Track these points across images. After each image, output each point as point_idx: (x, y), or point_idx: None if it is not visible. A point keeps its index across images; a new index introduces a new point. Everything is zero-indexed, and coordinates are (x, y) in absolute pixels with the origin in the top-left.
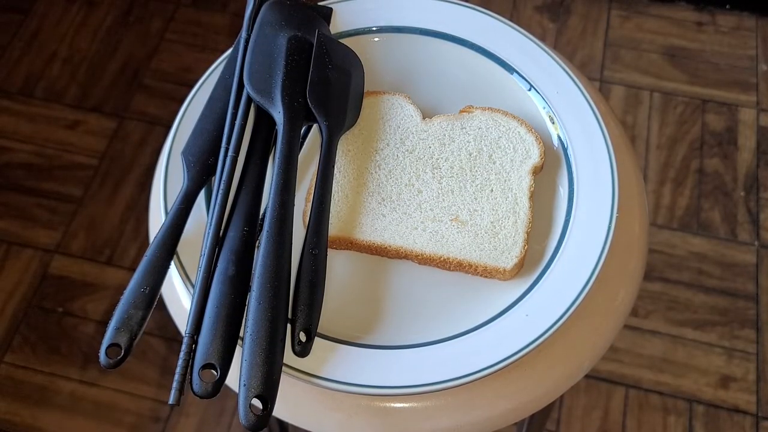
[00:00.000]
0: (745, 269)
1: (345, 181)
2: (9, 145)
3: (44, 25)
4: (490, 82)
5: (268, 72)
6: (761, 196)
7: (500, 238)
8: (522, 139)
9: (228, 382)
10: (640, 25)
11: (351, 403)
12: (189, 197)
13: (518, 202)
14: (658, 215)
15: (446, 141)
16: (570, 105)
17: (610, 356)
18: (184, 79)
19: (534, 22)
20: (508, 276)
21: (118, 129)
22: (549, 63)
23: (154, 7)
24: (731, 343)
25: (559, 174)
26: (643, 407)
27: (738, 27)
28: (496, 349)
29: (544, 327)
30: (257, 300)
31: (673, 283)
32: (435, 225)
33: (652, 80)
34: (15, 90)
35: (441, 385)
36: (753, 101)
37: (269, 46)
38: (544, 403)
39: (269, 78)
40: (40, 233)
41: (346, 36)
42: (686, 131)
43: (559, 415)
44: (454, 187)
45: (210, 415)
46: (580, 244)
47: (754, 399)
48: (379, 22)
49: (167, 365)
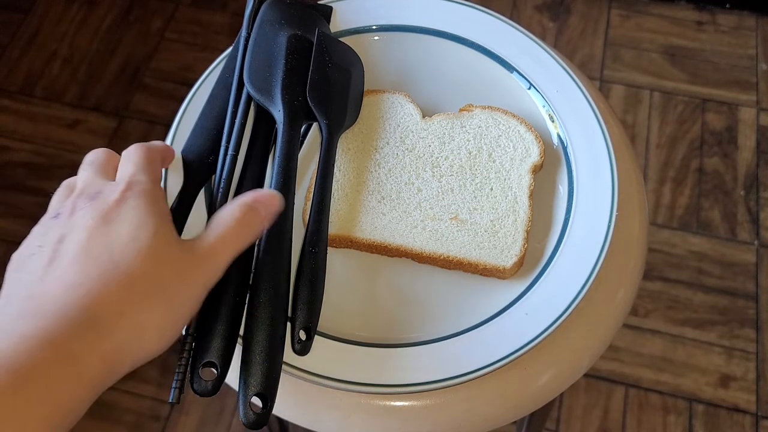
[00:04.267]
0: (745, 268)
1: (345, 179)
2: (9, 145)
3: (44, 24)
4: (490, 81)
5: (268, 71)
6: (761, 196)
7: (500, 237)
8: (522, 137)
9: (228, 381)
10: (641, 24)
11: (350, 402)
12: (189, 196)
13: (518, 201)
14: (658, 214)
15: (446, 139)
16: (570, 104)
17: (609, 355)
18: (184, 79)
19: (534, 21)
20: (508, 275)
21: (118, 128)
22: (549, 62)
23: (154, 7)
24: (731, 342)
25: (558, 173)
26: (642, 406)
27: (738, 26)
28: (496, 348)
29: (543, 326)
30: (257, 298)
31: (672, 283)
32: (435, 223)
33: (652, 79)
34: (15, 89)
35: (440, 384)
36: (753, 100)
37: (269, 44)
38: (544, 401)
39: (269, 77)
40: None
41: (346, 35)
42: (686, 130)
43: (558, 414)
44: (453, 186)
45: (210, 414)
46: (579, 242)
47: (753, 398)
48: (379, 21)
49: (167, 364)
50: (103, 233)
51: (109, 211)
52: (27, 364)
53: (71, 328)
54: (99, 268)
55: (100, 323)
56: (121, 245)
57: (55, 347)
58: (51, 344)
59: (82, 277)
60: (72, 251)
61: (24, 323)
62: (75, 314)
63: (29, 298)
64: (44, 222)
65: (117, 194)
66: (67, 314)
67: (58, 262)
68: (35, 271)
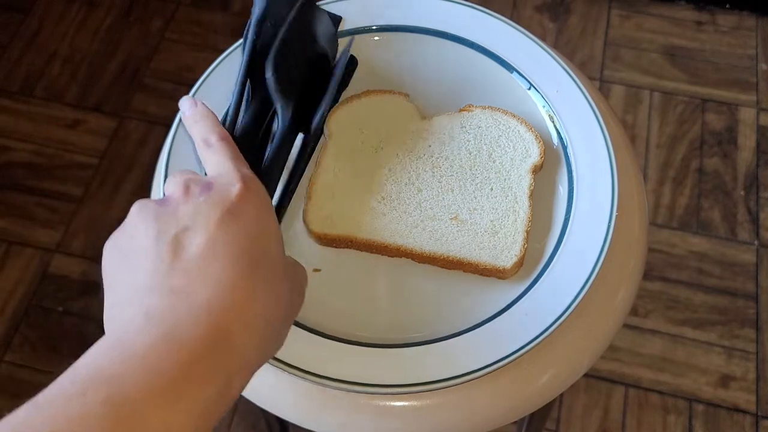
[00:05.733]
0: (745, 268)
1: (345, 179)
2: (9, 145)
3: (44, 24)
4: (490, 81)
5: (294, 71)
6: (761, 196)
7: (500, 237)
8: (522, 137)
9: None
10: (640, 24)
11: (350, 402)
12: None
13: (518, 201)
14: (658, 214)
15: (446, 140)
16: (570, 104)
17: (609, 355)
18: (184, 79)
19: (534, 21)
20: (508, 275)
21: (118, 128)
22: (549, 62)
23: (154, 7)
24: (731, 342)
25: (558, 173)
26: (642, 406)
27: (738, 26)
28: (496, 348)
29: (543, 326)
30: None
31: (672, 283)
32: (434, 223)
33: (652, 79)
34: (15, 89)
35: (440, 384)
36: (753, 101)
37: (299, 45)
38: (544, 401)
39: (293, 78)
40: (40, 233)
41: (346, 34)
42: (686, 130)
43: (558, 414)
44: (453, 186)
45: None
46: (579, 243)
47: (753, 398)
48: (379, 21)
49: None
50: (233, 228)
51: (232, 206)
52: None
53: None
54: (237, 264)
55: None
56: (255, 241)
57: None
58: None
59: (220, 271)
60: (201, 243)
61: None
62: (211, 321)
63: (153, 289)
64: (147, 206)
65: (238, 188)
66: (200, 324)
67: (184, 253)
68: (158, 258)
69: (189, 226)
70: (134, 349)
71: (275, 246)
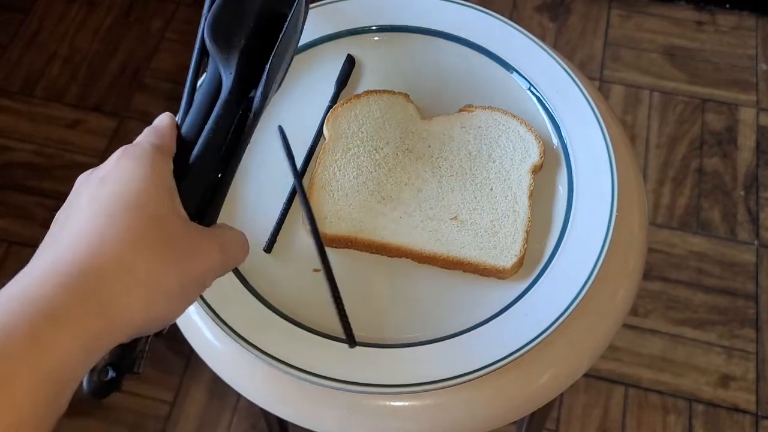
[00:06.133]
0: (745, 268)
1: (345, 179)
2: (9, 145)
3: (44, 24)
4: (490, 81)
5: (234, 29)
6: (761, 196)
7: (500, 237)
8: (522, 138)
9: (227, 380)
10: (640, 24)
11: (350, 402)
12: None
13: (518, 201)
14: (658, 214)
15: (446, 140)
16: (570, 104)
17: (609, 355)
18: (184, 79)
19: (534, 21)
20: (508, 275)
21: (118, 128)
22: (549, 62)
23: (154, 7)
24: (731, 342)
25: (558, 173)
26: (642, 406)
27: (738, 26)
28: (496, 348)
29: (543, 326)
30: None
31: (672, 283)
32: (435, 224)
33: (652, 80)
34: (15, 89)
35: (440, 384)
36: (753, 101)
37: (242, 4)
38: (544, 401)
39: (232, 35)
40: (40, 233)
41: (346, 35)
42: (686, 131)
43: (558, 413)
44: (453, 186)
45: (210, 414)
46: (579, 243)
47: (753, 398)
48: (379, 21)
49: (168, 364)
50: (98, 194)
51: (106, 172)
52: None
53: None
54: (98, 226)
55: (102, 277)
56: (108, 201)
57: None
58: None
59: (86, 234)
60: (82, 205)
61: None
62: (77, 269)
63: (51, 244)
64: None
65: (114, 159)
66: (70, 272)
67: (72, 217)
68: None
69: (80, 192)
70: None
71: (156, 207)
